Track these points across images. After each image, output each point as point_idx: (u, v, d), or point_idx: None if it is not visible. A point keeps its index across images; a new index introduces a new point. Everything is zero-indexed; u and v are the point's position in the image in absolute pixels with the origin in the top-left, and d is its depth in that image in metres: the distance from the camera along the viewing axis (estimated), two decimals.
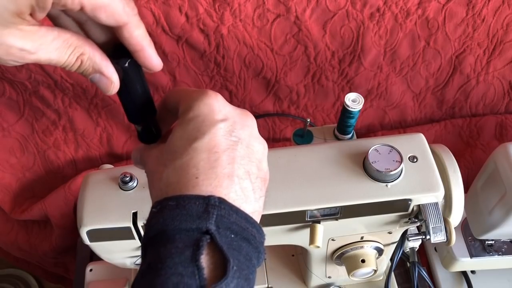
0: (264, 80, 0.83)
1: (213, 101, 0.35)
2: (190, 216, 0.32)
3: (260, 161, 0.37)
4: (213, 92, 0.36)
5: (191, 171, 0.33)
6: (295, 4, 0.72)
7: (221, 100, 0.36)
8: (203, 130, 0.34)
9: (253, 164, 0.36)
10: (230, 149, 0.35)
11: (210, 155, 0.34)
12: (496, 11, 0.76)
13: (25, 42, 0.30)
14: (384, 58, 0.81)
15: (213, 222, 0.31)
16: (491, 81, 0.86)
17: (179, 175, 0.34)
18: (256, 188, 0.36)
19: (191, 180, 0.33)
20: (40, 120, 0.85)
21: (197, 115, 0.35)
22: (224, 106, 0.36)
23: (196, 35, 0.74)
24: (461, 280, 0.75)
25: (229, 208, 0.33)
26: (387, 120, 0.91)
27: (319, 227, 0.52)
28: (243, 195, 0.34)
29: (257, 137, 0.38)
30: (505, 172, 0.59)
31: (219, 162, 0.34)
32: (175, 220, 0.32)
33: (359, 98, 0.54)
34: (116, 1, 0.32)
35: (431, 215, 0.50)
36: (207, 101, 0.35)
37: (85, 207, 0.51)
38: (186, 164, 0.34)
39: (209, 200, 0.32)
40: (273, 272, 0.74)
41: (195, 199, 0.32)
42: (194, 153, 0.34)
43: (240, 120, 0.36)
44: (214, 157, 0.34)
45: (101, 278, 0.74)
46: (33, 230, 0.96)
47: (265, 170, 0.38)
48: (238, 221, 0.33)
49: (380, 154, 0.50)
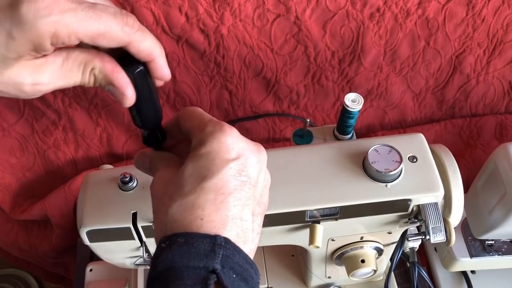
0: (264, 80, 0.83)
1: (227, 138, 0.36)
2: (198, 254, 0.33)
3: (263, 196, 0.39)
4: (228, 127, 0.37)
5: (196, 211, 0.34)
6: (295, 4, 0.72)
7: (235, 136, 0.36)
8: (213, 169, 0.35)
9: (257, 201, 0.37)
10: (238, 190, 0.36)
11: (217, 196, 0.35)
12: (496, 11, 0.76)
13: (37, 77, 0.31)
14: (384, 58, 0.81)
15: (219, 262, 0.33)
16: (491, 81, 0.86)
17: (184, 214, 0.34)
18: (255, 227, 0.37)
19: (196, 221, 0.34)
20: (40, 120, 0.85)
21: (209, 151, 0.35)
22: (237, 143, 0.36)
23: (196, 35, 0.74)
24: (461, 280, 0.75)
25: (233, 248, 0.34)
26: (387, 120, 0.91)
27: (318, 227, 0.52)
28: (243, 237, 0.36)
29: (264, 172, 0.39)
30: (505, 172, 0.59)
31: (225, 204, 0.35)
32: (184, 257, 0.33)
33: (359, 98, 0.54)
34: (113, 25, 0.32)
35: (431, 215, 0.50)
36: (221, 138, 0.36)
37: (85, 208, 0.51)
38: (192, 204, 0.34)
39: (216, 240, 0.33)
40: (273, 272, 0.74)
41: (203, 238, 0.33)
42: (202, 192, 0.35)
43: (252, 156, 0.37)
44: (220, 199, 0.35)
45: (101, 278, 0.74)
46: (33, 230, 0.96)
47: (266, 203, 0.39)
48: (240, 261, 0.34)
49: (380, 154, 0.50)
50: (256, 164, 0.37)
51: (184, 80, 0.81)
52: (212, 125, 0.37)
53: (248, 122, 0.89)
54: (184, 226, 0.34)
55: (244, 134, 1.01)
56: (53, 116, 0.84)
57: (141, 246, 0.54)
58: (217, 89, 0.84)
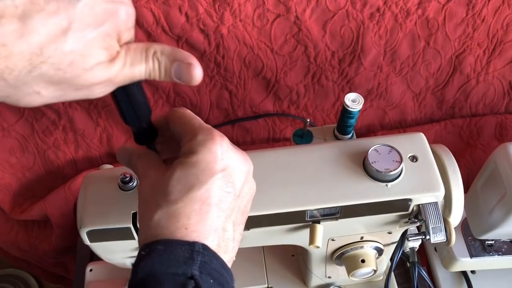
0: (264, 80, 0.83)
1: (217, 148, 0.37)
2: (177, 261, 0.34)
3: (246, 205, 0.40)
4: (218, 135, 0.37)
5: (182, 220, 0.35)
6: (295, 4, 0.72)
7: (225, 146, 0.37)
8: (202, 179, 0.36)
9: (240, 211, 0.39)
10: (223, 201, 0.37)
11: (202, 207, 0.36)
12: (496, 11, 0.76)
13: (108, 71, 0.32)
14: (384, 58, 0.81)
15: (197, 268, 0.34)
16: (491, 81, 0.86)
17: (170, 222, 0.35)
18: (236, 236, 0.39)
19: (181, 230, 0.35)
20: (40, 120, 0.85)
21: (200, 161, 0.36)
22: (226, 152, 0.37)
23: (196, 35, 0.74)
24: (461, 280, 0.75)
25: (212, 255, 0.35)
26: (387, 120, 0.91)
27: (319, 227, 0.52)
28: (224, 246, 0.37)
29: (249, 181, 0.40)
30: (505, 172, 0.59)
31: (209, 215, 0.36)
32: (163, 264, 0.34)
33: (359, 98, 0.53)
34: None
35: (431, 215, 0.50)
36: (211, 148, 0.37)
37: (85, 208, 0.51)
38: (179, 212, 0.35)
39: (194, 247, 0.35)
40: (273, 272, 0.74)
41: (182, 245, 0.35)
42: (189, 202, 0.36)
43: (238, 167, 0.38)
44: (205, 209, 0.36)
45: (101, 278, 0.74)
46: (33, 230, 0.96)
47: (248, 211, 0.41)
48: (217, 267, 0.35)
49: (380, 154, 0.50)
50: (242, 174, 0.38)
51: None
52: (203, 133, 0.37)
53: (248, 122, 0.89)
54: (169, 233, 0.35)
55: (244, 134, 1.01)
56: (53, 116, 0.84)
57: None
58: (217, 89, 0.84)
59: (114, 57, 0.32)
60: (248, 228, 0.52)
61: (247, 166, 0.39)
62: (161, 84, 0.81)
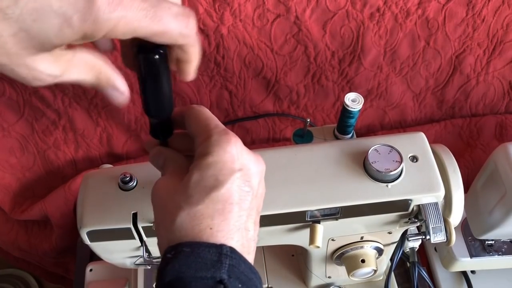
0: (264, 80, 0.83)
1: (232, 148, 0.37)
2: (205, 264, 0.33)
3: (260, 205, 0.40)
4: (233, 136, 0.37)
5: (205, 221, 0.35)
6: (295, 4, 0.72)
7: (239, 147, 0.37)
8: (221, 179, 0.36)
9: (258, 211, 0.39)
10: (243, 201, 0.37)
11: (225, 206, 0.36)
12: (496, 11, 0.76)
13: (53, 68, 0.30)
14: (384, 58, 0.81)
15: (226, 272, 0.33)
16: (491, 81, 0.86)
17: (193, 223, 0.35)
18: (255, 237, 0.39)
19: (206, 230, 0.35)
20: (40, 120, 0.85)
21: (216, 161, 0.36)
22: (241, 153, 0.37)
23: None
24: (461, 280, 0.75)
25: (239, 258, 0.35)
26: (387, 120, 0.91)
27: (319, 227, 0.52)
28: (247, 247, 0.37)
29: (262, 182, 0.40)
30: (505, 172, 0.59)
31: (232, 214, 0.36)
32: (191, 267, 0.33)
33: (359, 98, 0.53)
34: (172, 27, 0.31)
35: (431, 215, 0.50)
36: (226, 148, 0.36)
37: (85, 208, 0.51)
38: (201, 213, 0.35)
39: (222, 249, 0.34)
40: (273, 272, 0.74)
41: (209, 248, 0.34)
42: (210, 203, 0.35)
43: (254, 167, 0.38)
44: (228, 209, 0.36)
45: (101, 278, 0.74)
46: (33, 230, 0.96)
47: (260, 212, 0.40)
48: (245, 271, 0.35)
49: (380, 154, 0.50)
50: (257, 174, 0.38)
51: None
52: (218, 133, 0.37)
53: (248, 122, 0.89)
54: (194, 235, 0.35)
55: (244, 134, 1.01)
56: (53, 116, 0.84)
57: (141, 246, 0.54)
58: (217, 89, 0.84)
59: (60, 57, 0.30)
60: None
61: (261, 167, 0.39)
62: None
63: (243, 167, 0.37)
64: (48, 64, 0.30)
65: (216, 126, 0.38)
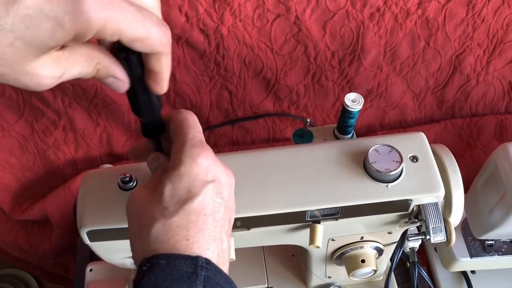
0: (264, 80, 0.83)
1: (203, 160, 0.37)
2: (181, 276, 0.34)
3: (232, 218, 0.41)
4: (206, 148, 0.38)
5: (181, 232, 0.35)
6: (295, 4, 0.72)
7: (211, 159, 0.38)
8: (194, 191, 0.36)
9: (230, 223, 0.40)
10: (216, 212, 0.37)
11: (199, 217, 0.36)
12: (496, 11, 0.76)
13: (54, 70, 0.30)
14: (384, 58, 0.81)
15: (201, 283, 0.34)
16: (491, 81, 0.86)
17: (169, 235, 0.35)
18: (228, 248, 0.39)
19: (182, 242, 0.35)
20: (40, 120, 0.85)
21: (188, 172, 0.37)
22: (213, 165, 0.38)
23: (196, 35, 0.74)
24: (461, 280, 0.75)
25: (214, 269, 0.35)
26: (387, 120, 0.91)
27: (319, 227, 0.52)
28: (222, 257, 0.37)
29: (232, 195, 0.41)
30: (505, 172, 0.59)
31: (206, 225, 0.36)
32: (167, 280, 0.33)
33: (359, 98, 0.53)
34: (154, 34, 0.31)
35: (431, 215, 0.50)
36: (198, 160, 0.37)
37: (85, 208, 0.51)
38: (176, 225, 0.36)
39: (197, 261, 0.35)
40: (273, 272, 0.74)
41: (185, 259, 0.34)
42: (185, 214, 0.36)
43: (224, 179, 0.39)
44: (202, 220, 0.36)
45: (101, 278, 0.74)
46: (33, 230, 0.96)
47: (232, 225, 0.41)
48: (221, 281, 0.36)
49: (380, 154, 0.50)
50: (227, 187, 0.39)
51: (184, 80, 0.81)
52: (191, 144, 0.38)
53: (248, 122, 0.89)
54: (169, 247, 0.35)
55: (244, 134, 1.01)
56: (53, 116, 0.84)
57: None
58: (217, 89, 0.84)
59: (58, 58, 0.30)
60: (248, 228, 0.52)
61: (231, 179, 0.40)
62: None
63: (215, 179, 0.38)
64: (48, 67, 0.30)
65: (193, 137, 0.38)
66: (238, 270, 0.72)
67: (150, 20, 0.31)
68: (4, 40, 0.27)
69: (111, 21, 0.29)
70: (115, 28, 0.29)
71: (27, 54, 0.28)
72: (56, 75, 0.30)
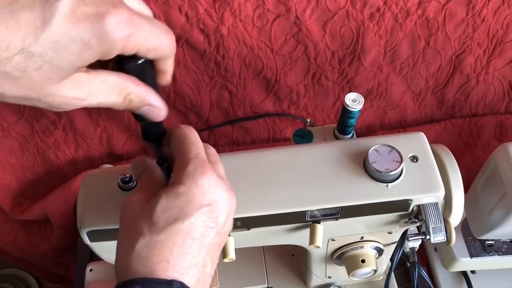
0: (264, 80, 0.83)
1: (205, 181, 0.37)
2: None
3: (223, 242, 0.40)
4: (208, 169, 0.37)
5: (164, 252, 0.35)
6: (295, 4, 0.72)
7: (213, 181, 0.37)
8: (187, 212, 0.36)
9: (219, 248, 0.39)
10: (205, 237, 0.37)
11: (185, 240, 0.36)
12: (496, 11, 0.76)
13: (77, 92, 0.31)
14: (384, 58, 0.81)
15: None
16: (491, 81, 0.86)
17: (152, 253, 0.35)
18: (212, 272, 0.38)
19: (162, 263, 0.35)
20: (40, 120, 0.85)
21: (186, 192, 0.36)
22: (214, 187, 0.37)
23: (196, 35, 0.74)
24: (461, 280, 0.75)
25: None
26: (387, 120, 0.91)
27: (319, 227, 0.52)
28: (203, 282, 0.37)
29: (230, 220, 0.40)
30: (505, 172, 0.59)
31: (191, 249, 0.36)
32: None
33: (359, 98, 0.53)
34: (165, 42, 0.33)
35: (431, 215, 0.50)
36: (198, 181, 0.37)
37: (85, 208, 0.51)
38: (161, 243, 0.35)
39: (172, 285, 0.34)
40: (273, 272, 0.74)
41: (159, 284, 0.34)
42: (171, 234, 0.35)
43: (223, 203, 0.38)
44: (187, 243, 0.36)
45: (101, 278, 0.74)
46: (33, 230, 0.96)
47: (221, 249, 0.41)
48: None
49: (380, 154, 0.50)
50: (226, 212, 0.38)
51: (184, 80, 0.81)
52: (195, 164, 0.37)
53: (248, 122, 0.89)
54: (149, 267, 0.35)
55: (244, 134, 1.01)
56: (53, 116, 0.84)
57: None
58: (217, 89, 0.84)
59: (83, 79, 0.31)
60: (248, 228, 0.52)
61: (232, 204, 0.39)
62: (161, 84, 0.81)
63: (212, 202, 0.37)
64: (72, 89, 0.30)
65: (196, 155, 0.38)
66: (238, 270, 0.72)
67: (161, 30, 0.32)
68: (33, 65, 0.27)
69: (132, 38, 0.30)
70: (135, 43, 0.30)
71: (54, 76, 0.29)
72: (79, 96, 0.31)
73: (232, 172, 0.50)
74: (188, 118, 0.88)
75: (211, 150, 0.42)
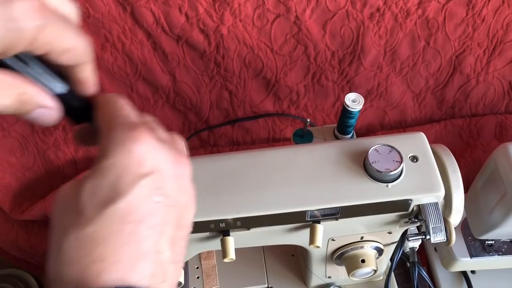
0: (264, 80, 0.83)
1: (140, 147, 0.28)
2: None
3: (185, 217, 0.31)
4: (143, 131, 0.29)
5: (97, 249, 0.27)
6: (295, 4, 0.72)
7: (150, 144, 0.29)
8: (120, 189, 0.28)
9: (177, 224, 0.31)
10: (151, 215, 0.28)
11: (124, 226, 0.27)
12: (496, 11, 0.76)
13: None
14: (384, 58, 0.81)
15: None
16: (491, 81, 0.86)
17: (81, 253, 0.27)
18: (176, 256, 0.30)
19: (96, 264, 0.26)
20: None
21: (114, 165, 0.28)
22: (152, 151, 0.29)
23: (196, 35, 0.74)
24: (461, 280, 0.75)
25: None
26: (387, 120, 0.91)
27: (319, 227, 0.52)
28: (161, 274, 0.29)
29: (185, 188, 0.32)
30: (505, 172, 0.59)
31: (135, 235, 0.28)
32: None
33: (359, 98, 0.54)
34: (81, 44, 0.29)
35: (431, 215, 0.50)
36: (133, 147, 0.28)
37: None
38: (92, 238, 0.27)
39: None
40: (273, 272, 0.74)
41: None
42: (104, 221, 0.27)
43: (171, 170, 0.30)
44: (128, 229, 0.27)
45: None
46: (33, 230, 0.96)
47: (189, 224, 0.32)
48: None
49: (380, 154, 0.50)
50: (175, 178, 0.30)
51: (184, 80, 0.81)
52: (122, 127, 0.29)
53: (248, 122, 0.89)
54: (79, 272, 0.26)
55: (244, 134, 1.01)
56: None
57: None
58: (217, 89, 0.84)
59: None
60: (248, 228, 0.52)
61: (182, 168, 0.31)
62: (161, 84, 0.81)
63: (153, 170, 0.29)
64: None
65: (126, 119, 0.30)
66: (238, 270, 0.72)
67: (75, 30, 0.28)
68: None
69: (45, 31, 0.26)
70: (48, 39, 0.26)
71: None
72: None
73: (232, 172, 0.50)
74: (188, 118, 0.88)
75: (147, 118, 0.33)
